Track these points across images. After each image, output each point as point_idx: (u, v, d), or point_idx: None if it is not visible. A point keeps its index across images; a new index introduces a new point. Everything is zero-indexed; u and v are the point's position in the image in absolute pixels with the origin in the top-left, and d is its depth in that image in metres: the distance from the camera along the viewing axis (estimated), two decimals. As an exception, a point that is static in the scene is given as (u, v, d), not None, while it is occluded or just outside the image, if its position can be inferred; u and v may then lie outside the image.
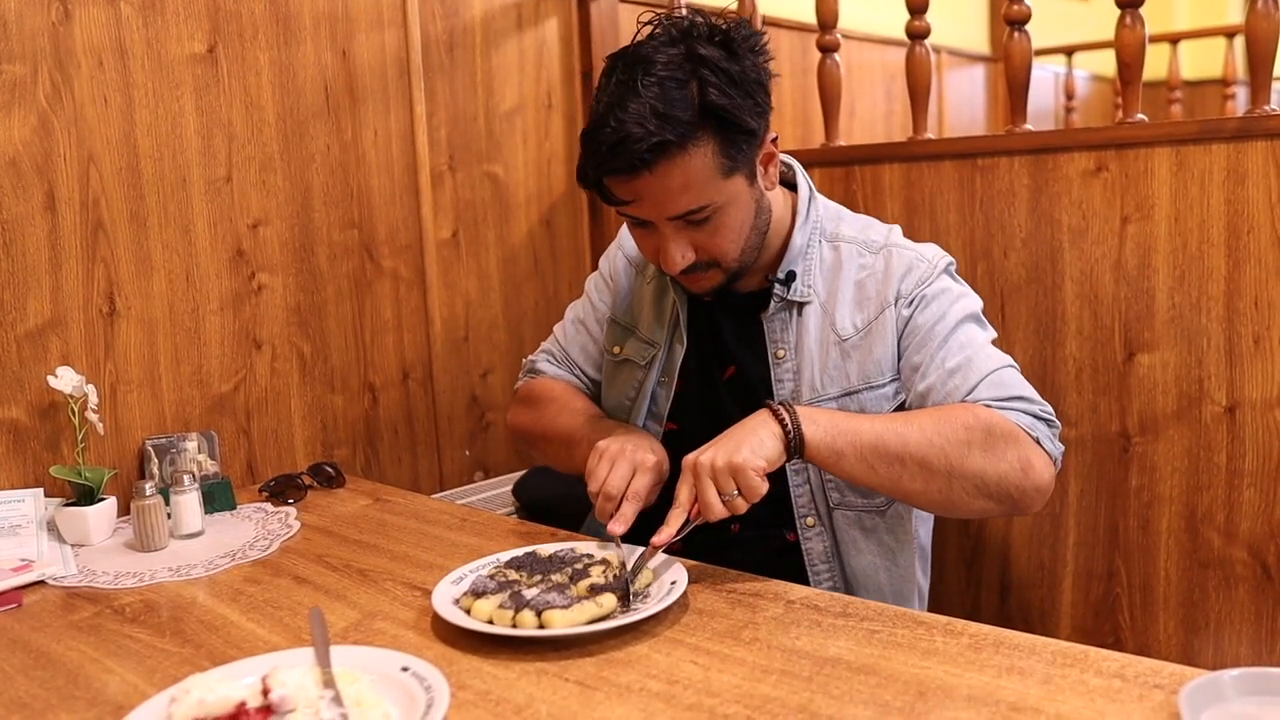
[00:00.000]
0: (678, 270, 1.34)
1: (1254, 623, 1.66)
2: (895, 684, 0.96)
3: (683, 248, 1.32)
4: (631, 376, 1.56)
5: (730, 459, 1.18)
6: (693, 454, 1.22)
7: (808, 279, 1.43)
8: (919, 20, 1.98)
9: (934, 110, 3.91)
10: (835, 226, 1.48)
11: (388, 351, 2.10)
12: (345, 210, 2.01)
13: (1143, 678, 0.93)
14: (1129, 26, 1.70)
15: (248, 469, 1.89)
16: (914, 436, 1.23)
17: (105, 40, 1.67)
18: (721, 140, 1.26)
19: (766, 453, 1.20)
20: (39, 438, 1.62)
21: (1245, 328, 1.61)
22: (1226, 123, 1.61)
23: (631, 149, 1.22)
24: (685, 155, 1.24)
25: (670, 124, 1.22)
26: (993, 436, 1.24)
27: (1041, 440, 1.28)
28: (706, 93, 1.24)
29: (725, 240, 1.33)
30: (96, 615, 1.25)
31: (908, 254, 1.42)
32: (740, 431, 1.23)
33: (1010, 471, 1.24)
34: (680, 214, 1.28)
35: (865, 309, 1.41)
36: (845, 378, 1.40)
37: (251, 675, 0.97)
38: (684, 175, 1.25)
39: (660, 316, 1.54)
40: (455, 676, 1.01)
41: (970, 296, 1.42)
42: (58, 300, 1.64)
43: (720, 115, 1.25)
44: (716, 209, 1.30)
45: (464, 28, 2.21)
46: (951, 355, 1.34)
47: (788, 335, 1.43)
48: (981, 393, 1.30)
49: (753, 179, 1.35)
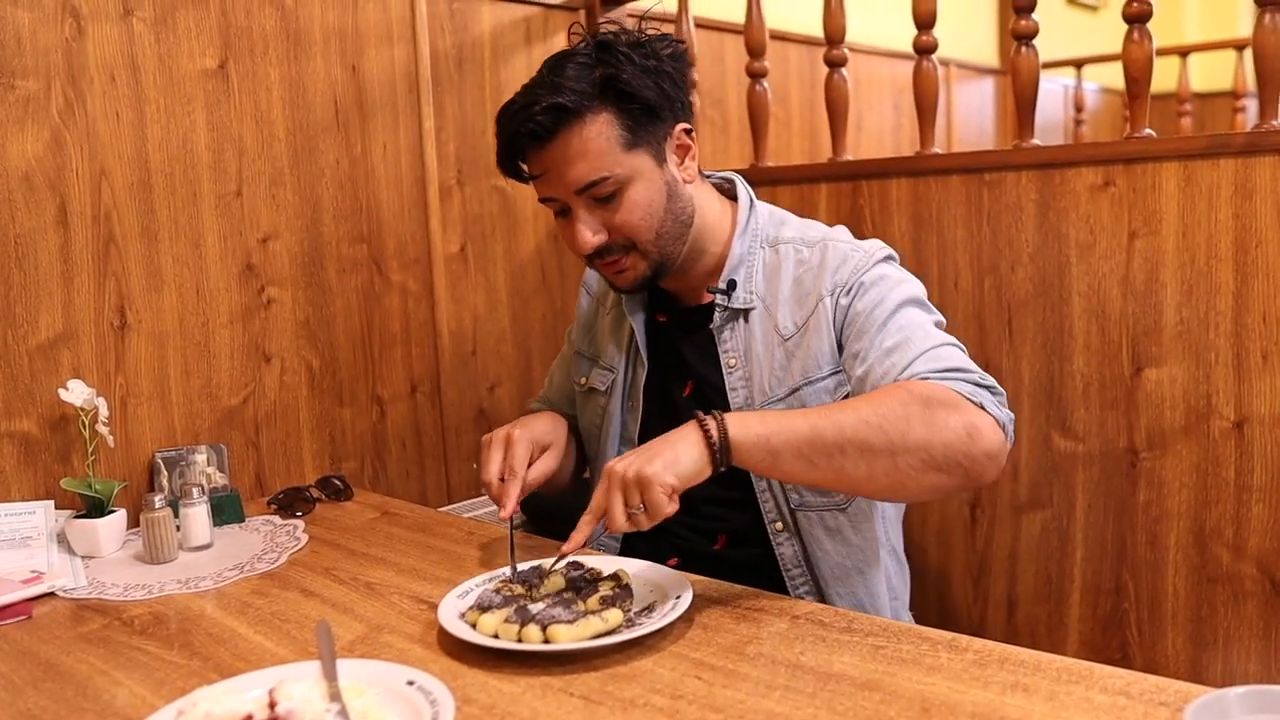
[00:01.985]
0: (590, 249, 1.38)
1: (1263, 639, 1.65)
2: (899, 700, 0.96)
3: (593, 226, 1.38)
4: (596, 404, 1.60)
5: (640, 471, 1.14)
6: (613, 460, 1.19)
7: (749, 285, 1.46)
8: (927, 34, 1.98)
9: (942, 124, 3.92)
10: (776, 231, 1.50)
11: (396, 365, 2.11)
12: (354, 224, 2.02)
13: (1148, 695, 0.93)
14: (1136, 42, 1.70)
15: (256, 482, 1.89)
16: (849, 420, 1.16)
17: (117, 56, 1.68)
18: (620, 112, 1.34)
19: (681, 469, 1.15)
20: (50, 450, 1.63)
21: (1253, 343, 1.61)
22: (1234, 138, 1.61)
23: (532, 115, 1.32)
24: (582, 124, 1.33)
25: (568, 93, 1.32)
26: (931, 406, 1.16)
27: (986, 405, 1.19)
28: (606, 69, 1.34)
29: (634, 217, 1.37)
30: (106, 627, 1.26)
31: (843, 246, 1.42)
32: (660, 444, 1.18)
33: (956, 439, 1.15)
34: (583, 185, 1.35)
35: (804, 305, 1.42)
36: (790, 376, 1.41)
37: (258, 688, 0.98)
38: (582, 143, 1.33)
39: (619, 343, 1.59)
40: (460, 690, 1.01)
41: (911, 282, 1.40)
42: (69, 314, 1.65)
43: (619, 89, 1.33)
44: (620, 183, 1.35)
45: (473, 42, 2.22)
46: (889, 337, 1.31)
47: (737, 344, 1.46)
48: (917, 367, 1.24)
49: (661, 161, 1.40)
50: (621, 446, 1.57)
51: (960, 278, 1.91)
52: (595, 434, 1.61)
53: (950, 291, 1.93)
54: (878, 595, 1.47)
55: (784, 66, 3.10)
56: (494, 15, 2.26)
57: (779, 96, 2.99)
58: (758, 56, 2.26)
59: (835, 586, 1.45)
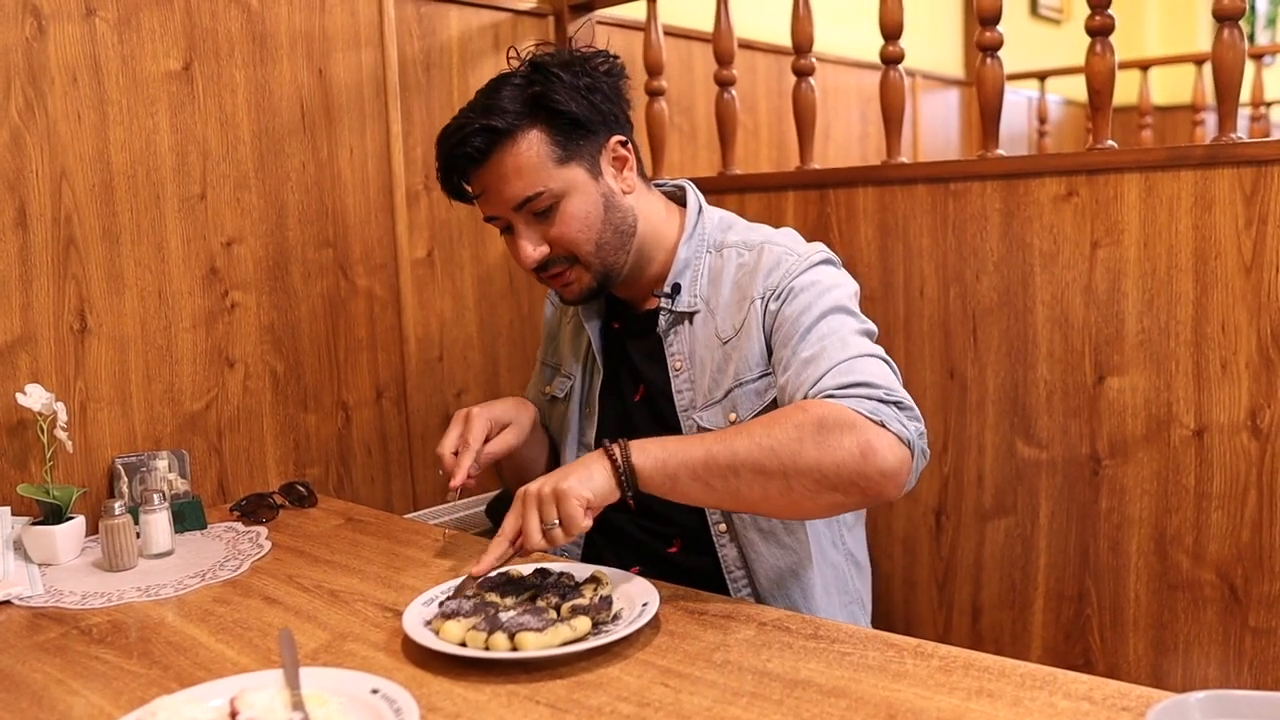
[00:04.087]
0: (533, 264, 1.43)
1: (1222, 644, 1.67)
2: (866, 706, 0.96)
3: (534, 240, 1.42)
4: (559, 411, 1.65)
5: (556, 485, 1.20)
6: (526, 484, 1.24)
7: (694, 289, 1.49)
8: (894, 45, 2.00)
9: (909, 133, 3.95)
10: (723, 235, 1.52)
11: (361, 370, 2.09)
12: (320, 229, 2.00)
13: (1110, 700, 0.94)
14: (1099, 55, 1.72)
15: (219, 488, 1.87)
16: (742, 444, 1.19)
17: (80, 56, 1.66)
18: (550, 129, 1.39)
19: (595, 486, 1.21)
20: (6, 455, 1.60)
21: (1213, 352, 1.63)
22: (1194, 150, 1.64)
23: (466, 139, 1.38)
24: (514, 142, 1.38)
25: (498, 114, 1.37)
26: (824, 428, 1.18)
27: (887, 423, 1.19)
28: (535, 88, 1.39)
29: (572, 229, 1.41)
30: (63, 636, 1.23)
31: (778, 249, 1.44)
32: (572, 465, 1.24)
33: (848, 458, 1.16)
34: (519, 202, 1.39)
35: (741, 308, 1.44)
36: (726, 378, 1.44)
37: (219, 697, 0.97)
38: (515, 161, 1.38)
39: (577, 350, 1.64)
40: (425, 699, 1.00)
41: (842, 287, 1.40)
42: (28, 317, 1.62)
43: (548, 107, 1.38)
44: (555, 196, 1.40)
45: (441, 48, 2.21)
46: (808, 346, 1.32)
47: (682, 346, 1.49)
48: (826, 382, 1.25)
49: (596, 174, 1.43)
50: (580, 450, 1.60)
51: (926, 286, 1.93)
52: (559, 440, 1.65)
53: (916, 300, 1.94)
54: (813, 598, 1.47)
55: (752, 75, 3.11)
56: (462, 20, 2.25)
57: (747, 105, 3.00)
58: (726, 65, 2.27)
59: (770, 589, 1.47)
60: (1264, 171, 1.56)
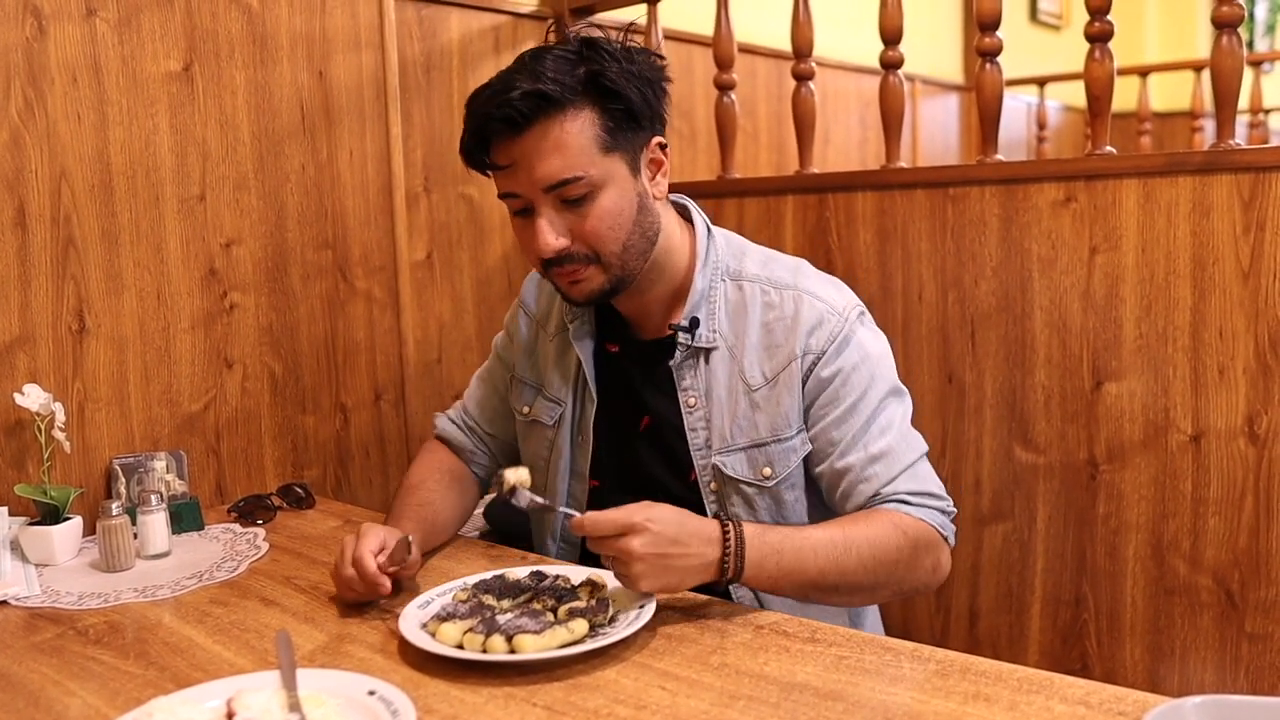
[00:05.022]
0: (550, 254, 1.29)
1: (1219, 649, 1.67)
2: (862, 710, 0.96)
3: (558, 228, 1.29)
4: (542, 437, 1.52)
5: (664, 562, 1.15)
6: (640, 534, 1.14)
7: (712, 323, 1.40)
8: (893, 50, 2.00)
9: (908, 138, 3.96)
10: (738, 264, 1.43)
11: (360, 372, 2.09)
12: (319, 230, 2.00)
13: (1107, 705, 0.94)
14: (1098, 60, 1.72)
15: (216, 489, 1.87)
16: (852, 566, 1.24)
17: (80, 57, 1.66)
18: (603, 113, 1.28)
19: (673, 588, 1.18)
20: (4, 455, 1.60)
21: (1210, 358, 1.63)
22: (1192, 156, 1.64)
23: (511, 99, 1.24)
24: (563, 116, 1.26)
25: (550, 82, 1.25)
26: (916, 552, 1.29)
27: (949, 539, 1.35)
28: (593, 66, 1.27)
29: (603, 226, 1.29)
30: (59, 636, 1.23)
31: (819, 306, 1.37)
32: (681, 557, 1.16)
33: (925, 576, 1.32)
34: (555, 182, 1.26)
35: (774, 356, 1.37)
36: (754, 429, 1.37)
37: (216, 698, 0.97)
38: (560, 136, 1.25)
39: (565, 374, 1.50)
40: (422, 701, 1.00)
41: (885, 359, 1.39)
42: (26, 317, 1.62)
43: (604, 86, 1.27)
44: (593, 186, 1.28)
45: (441, 50, 2.21)
46: (874, 440, 1.34)
47: (698, 383, 1.40)
48: (900, 486, 1.33)
49: (636, 171, 1.33)
50: (573, 482, 1.50)
51: (924, 290, 1.93)
52: (542, 465, 1.52)
53: (914, 304, 1.94)
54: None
55: (752, 80, 3.12)
56: (463, 23, 2.25)
57: (747, 109, 3.01)
58: (726, 69, 2.27)
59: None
60: (1262, 178, 1.57)
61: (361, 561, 1.24)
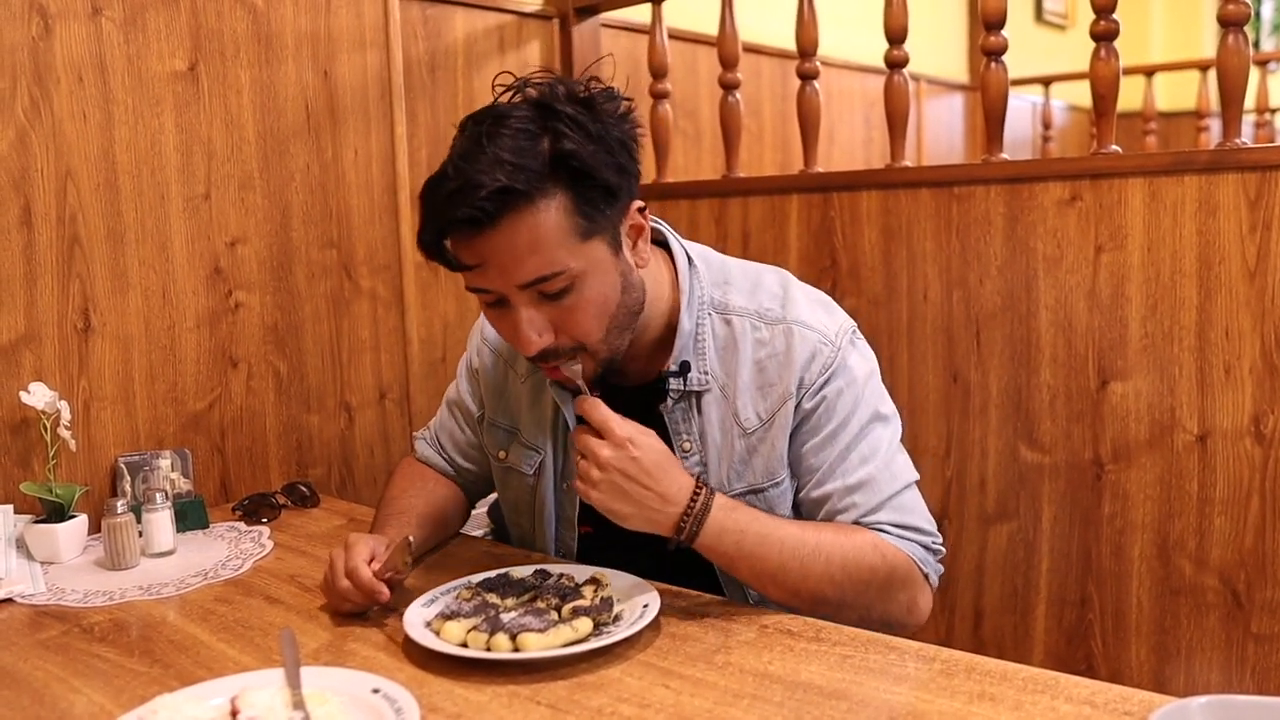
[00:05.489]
0: (535, 352, 1.19)
1: (1224, 650, 1.67)
2: (867, 709, 0.96)
3: (539, 325, 1.17)
4: (522, 484, 1.45)
5: (623, 469, 1.12)
6: (622, 441, 1.13)
7: (702, 364, 1.31)
8: (898, 49, 2.00)
9: (913, 138, 3.95)
10: (723, 295, 1.34)
11: (364, 371, 2.09)
12: (324, 229, 2.01)
13: (1112, 704, 0.93)
14: (1103, 59, 1.72)
15: (221, 487, 1.87)
16: (817, 571, 1.18)
17: (86, 56, 1.66)
18: (575, 195, 1.14)
19: (631, 523, 1.15)
20: (10, 454, 1.60)
21: (1216, 357, 1.63)
22: (1198, 155, 1.64)
23: (474, 197, 1.09)
24: (534, 209, 1.12)
25: (517, 171, 1.10)
26: (892, 581, 1.22)
27: (930, 577, 1.27)
28: (560, 143, 1.13)
29: (587, 318, 1.18)
30: (64, 634, 1.23)
31: (811, 336, 1.29)
32: (646, 487, 1.14)
33: (898, 612, 1.24)
34: (530, 281, 1.14)
35: (768, 396, 1.30)
36: (751, 473, 1.31)
37: (220, 696, 0.97)
38: (532, 232, 1.12)
39: (540, 420, 1.42)
40: (426, 699, 1.00)
41: (873, 378, 1.32)
42: (32, 316, 1.62)
43: (573, 167, 1.13)
44: (574, 278, 1.15)
45: (446, 49, 2.22)
46: (853, 470, 1.27)
47: (691, 427, 1.32)
48: (882, 517, 1.25)
49: (617, 249, 1.20)
50: (561, 529, 1.44)
51: (929, 289, 1.93)
52: (526, 511, 1.46)
53: (919, 303, 1.94)
54: None
55: (757, 79, 3.11)
56: (467, 22, 2.26)
57: (751, 108, 3.00)
58: (731, 68, 2.27)
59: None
60: (1268, 177, 1.56)
61: (357, 572, 1.20)
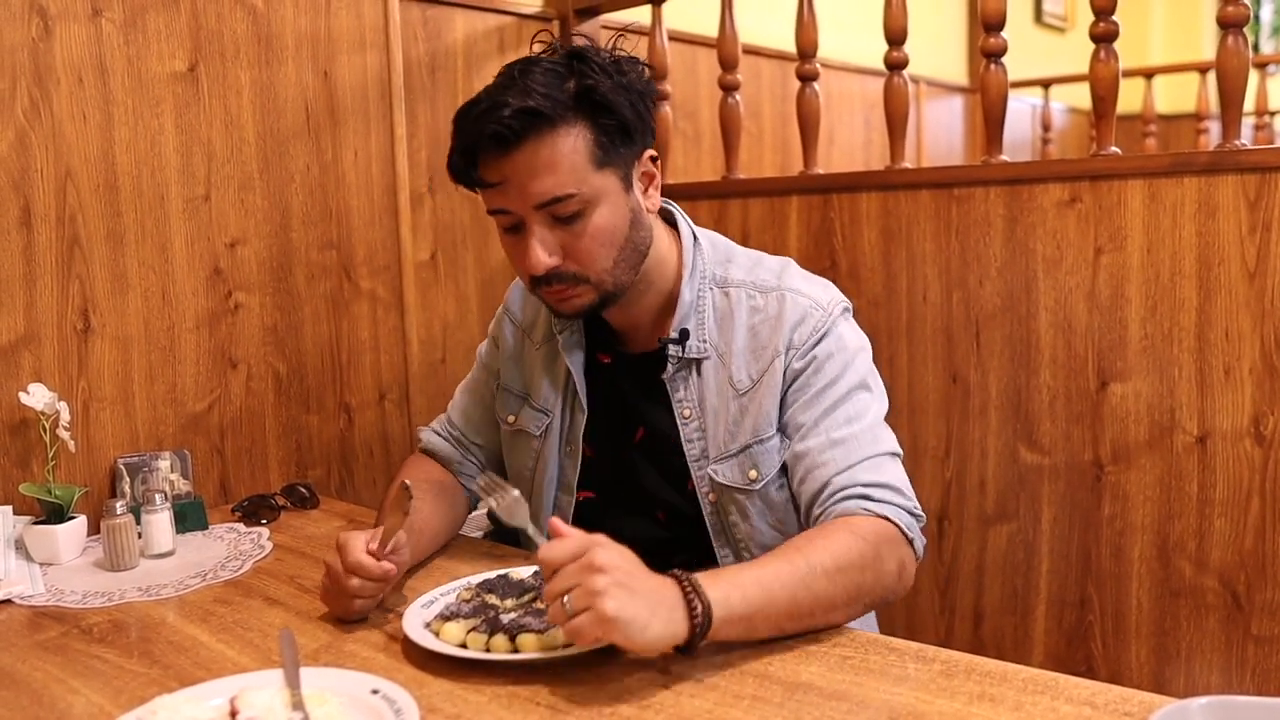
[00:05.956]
0: (543, 270, 1.27)
1: (1224, 651, 1.67)
2: (867, 710, 0.96)
3: (549, 246, 1.27)
4: (527, 447, 1.49)
5: (602, 612, 0.97)
6: (600, 556, 1.01)
7: (701, 333, 1.37)
8: (898, 51, 2.00)
9: (912, 139, 3.95)
10: (724, 270, 1.41)
11: (364, 372, 2.09)
12: (324, 230, 2.01)
13: (1112, 705, 0.93)
14: (1103, 61, 1.72)
15: (221, 489, 1.87)
16: (822, 586, 1.12)
17: (85, 57, 1.66)
18: (595, 128, 1.25)
19: (651, 637, 1.00)
20: (9, 454, 1.60)
21: (1216, 358, 1.63)
22: (1197, 156, 1.64)
23: (501, 116, 1.21)
24: (555, 133, 1.23)
25: (541, 97, 1.22)
26: (880, 551, 1.18)
27: (914, 541, 1.24)
28: (584, 81, 1.24)
29: (596, 244, 1.27)
30: (63, 635, 1.23)
31: (802, 301, 1.35)
32: (643, 598, 1.00)
33: (892, 581, 1.20)
34: (547, 200, 1.24)
35: (760, 358, 1.35)
36: (743, 433, 1.35)
37: (219, 697, 0.97)
38: (552, 154, 1.23)
39: (554, 383, 1.47)
40: (426, 700, 1.00)
41: (863, 352, 1.36)
42: (31, 316, 1.62)
43: (595, 101, 1.24)
44: (586, 203, 1.25)
45: (446, 50, 2.22)
46: (837, 427, 1.29)
47: (690, 393, 1.38)
48: (858, 475, 1.25)
49: (629, 185, 1.30)
50: (559, 494, 1.47)
51: (929, 291, 1.93)
52: (527, 476, 1.49)
53: (919, 305, 1.94)
54: None
55: (757, 81, 3.11)
56: (467, 23, 2.26)
57: (751, 110, 3.01)
58: (730, 70, 2.27)
59: None
60: (1268, 178, 1.56)
61: (361, 564, 1.19)
